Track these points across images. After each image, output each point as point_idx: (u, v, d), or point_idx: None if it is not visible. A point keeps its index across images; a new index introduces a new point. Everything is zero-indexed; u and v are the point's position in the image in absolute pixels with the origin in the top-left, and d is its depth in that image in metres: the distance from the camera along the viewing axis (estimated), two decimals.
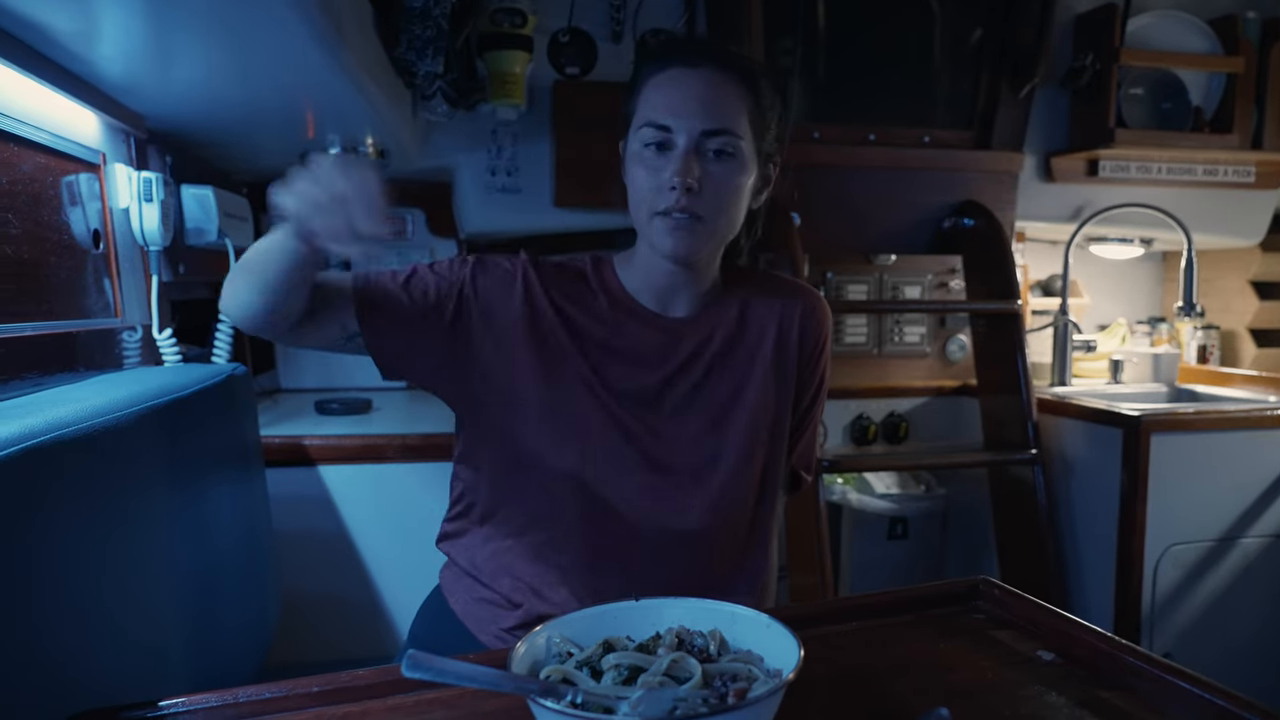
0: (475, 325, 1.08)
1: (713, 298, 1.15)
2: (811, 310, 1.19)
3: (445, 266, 1.11)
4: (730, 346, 1.14)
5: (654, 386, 1.11)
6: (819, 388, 1.22)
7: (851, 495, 2.46)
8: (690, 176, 1.00)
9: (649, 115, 1.03)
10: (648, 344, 1.11)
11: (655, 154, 1.03)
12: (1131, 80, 2.49)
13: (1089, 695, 0.73)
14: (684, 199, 1.00)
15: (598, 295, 1.13)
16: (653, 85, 1.05)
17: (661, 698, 0.61)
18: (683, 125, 1.01)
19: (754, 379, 1.14)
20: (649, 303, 1.13)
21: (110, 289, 1.34)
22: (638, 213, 1.06)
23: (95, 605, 0.82)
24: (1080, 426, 2.21)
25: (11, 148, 1.07)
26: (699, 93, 1.02)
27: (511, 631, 1.09)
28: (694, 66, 1.03)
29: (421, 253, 2.47)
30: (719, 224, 1.05)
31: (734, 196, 1.05)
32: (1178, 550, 2.09)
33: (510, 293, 1.09)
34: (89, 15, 0.99)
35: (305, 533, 1.15)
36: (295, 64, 1.23)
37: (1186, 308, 2.33)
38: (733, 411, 1.13)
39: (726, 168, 1.03)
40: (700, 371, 1.12)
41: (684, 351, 1.12)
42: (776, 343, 1.16)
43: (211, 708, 0.74)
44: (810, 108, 2.49)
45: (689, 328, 1.13)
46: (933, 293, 2.57)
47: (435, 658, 0.61)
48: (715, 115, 1.02)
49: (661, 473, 1.10)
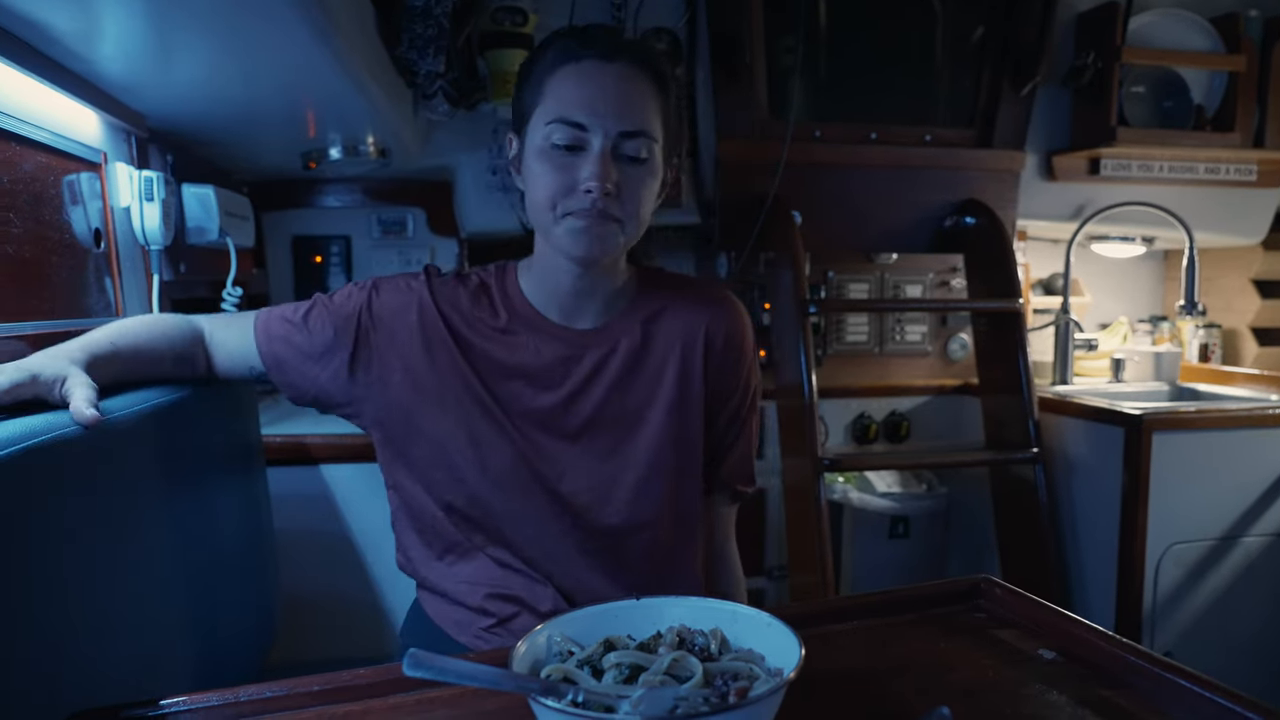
0: (375, 351, 1.05)
1: (620, 306, 1.11)
2: (725, 317, 1.13)
3: (344, 296, 1.08)
4: (635, 360, 1.09)
5: (554, 406, 1.07)
6: (743, 396, 1.16)
7: (853, 494, 2.46)
8: (609, 180, 0.95)
9: (560, 111, 0.96)
10: (548, 360, 1.07)
11: (565, 154, 0.97)
12: (1133, 79, 2.49)
13: (1090, 694, 0.73)
14: (601, 202, 0.95)
15: (498, 310, 1.08)
16: (562, 77, 0.98)
17: (663, 696, 0.61)
18: (599, 125, 0.95)
19: (660, 394, 1.10)
20: (552, 313, 1.08)
21: (111, 288, 1.34)
22: (540, 214, 1.00)
23: (96, 604, 0.82)
24: (1082, 425, 2.21)
25: (13, 147, 1.07)
26: (615, 89, 0.97)
27: (490, 630, 1.08)
28: (609, 60, 0.98)
29: (422, 251, 2.47)
30: (631, 228, 1.00)
31: (647, 201, 1.01)
32: (1179, 549, 2.08)
33: (407, 314, 1.06)
34: (90, 14, 0.99)
35: (307, 532, 1.15)
36: (296, 63, 1.24)
37: (1188, 306, 2.33)
38: (636, 430, 1.09)
39: (641, 171, 0.99)
40: (602, 389, 1.08)
41: (586, 367, 1.08)
42: (684, 355, 1.11)
43: (212, 706, 0.74)
44: (811, 106, 2.48)
45: (593, 340, 1.09)
46: (934, 292, 2.57)
47: (437, 656, 0.61)
48: (632, 116, 0.97)
49: (564, 497, 1.07)
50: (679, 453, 1.11)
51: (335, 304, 1.07)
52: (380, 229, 2.46)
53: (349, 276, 2.46)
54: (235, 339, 1.07)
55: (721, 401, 1.15)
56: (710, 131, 2.42)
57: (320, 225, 2.46)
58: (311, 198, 2.43)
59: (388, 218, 2.46)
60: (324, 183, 2.40)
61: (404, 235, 2.46)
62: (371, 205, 2.45)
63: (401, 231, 2.46)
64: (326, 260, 2.45)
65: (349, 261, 2.47)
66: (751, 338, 1.17)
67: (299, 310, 1.06)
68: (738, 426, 1.17)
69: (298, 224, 2.45)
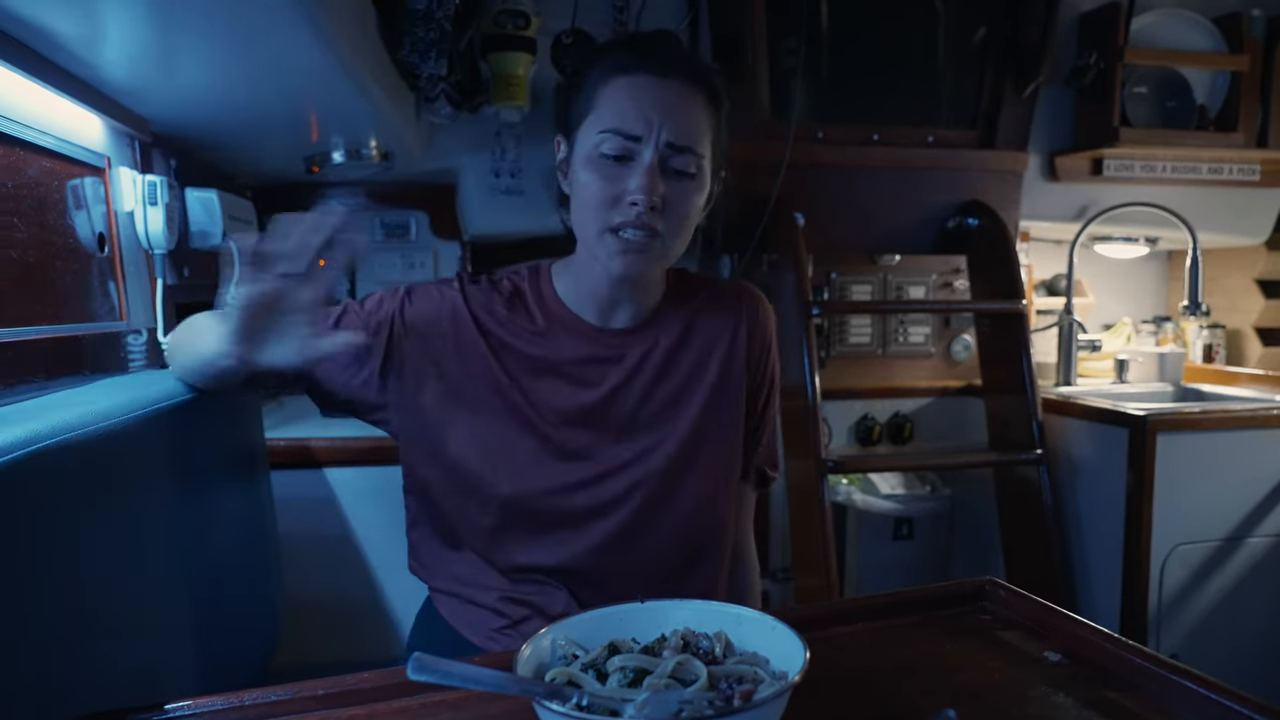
0: (408, 358, 1.05)
1: (656, 307, 1.12)
2: (756, 313, 1.16)
3: (375, 303, 1.07)
4: (675, 359, 1.11)
5: (594, 405, 1.07)
6: (771, 387, 1.20)
7: (856, 496, 2.46)
8: (656, 194, 0.95)
9: (613, 121, 0.97)
10: (587, 360, 1.07)
11: (614, 164, 0.97)
12: (1136, 79, 2.48)
13: (1096, 696, 0.73)
14: (646, 216, 0.96)
15: (534, 312, 1.09)
16: (616, 88, 0.98)
17: (667, 700, 0.61)
18: (650, 137, 0.96)
19: (700, 391, 1.11)
20: (589, 315, 1.08)
21: (115, 292, 1.35)
22: (585, 225, 1.01)
23: (101, 608, 0.82)
24: (1086, 426, 2.21)
25: (17, 152, 1.07)
26: (669, 105, 0.97)
27: (501, 631, 1.08)
28: (664, 76, 0.98)
29: (425, 254, 2.47)
30: (674, 245, 1.01)
31: (692, 217, 1.02)
32: (1184, 550, 2.08)
33: (440, 321, 1.06)
34: (94, 19, 0.99)
35: (311, 535, 1.15)
36: (299, 67, 1.24)
37: (1192, 306, 2.32)
38: (675, 427, 1.10)
39: (688, 187, 0.99)
40: (643, 386, 1.09)
41: (627, 366, 1.08)
42: (725, 353, 1.13)
43: (217, 711, 0.74)
44: (814, 107, 2.49)
45: (632, 340, 1.09)
46: (937, 293, 2.57)
47: (441, 660, 0.61)
48: (684, 131, 0.97)
49: (600, 497, 1.07)
50: (717, 450, 1.13)
51: (367, 310, 1.06)
52: (383, 232, 2.46)
53: (352, 280, 2.46)
54: None
55: (757, 392, 1.18)
56: None
57: None
58: (315, 201, 2.43)
59: (391, 221, 2.46)
60: (327, 186, 2.41)
61: (407, 238, 2.47)
62: (374, 208, 2.45)
63: (404, 234, 2.46)
64: (329, 263, 2.45)
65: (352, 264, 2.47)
66: (775, 328, 1.20)
67: (329, 317, 1.05)
68: (769, 415, 1.21)
69: None
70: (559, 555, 1.07)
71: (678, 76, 0.98)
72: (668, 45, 1.02)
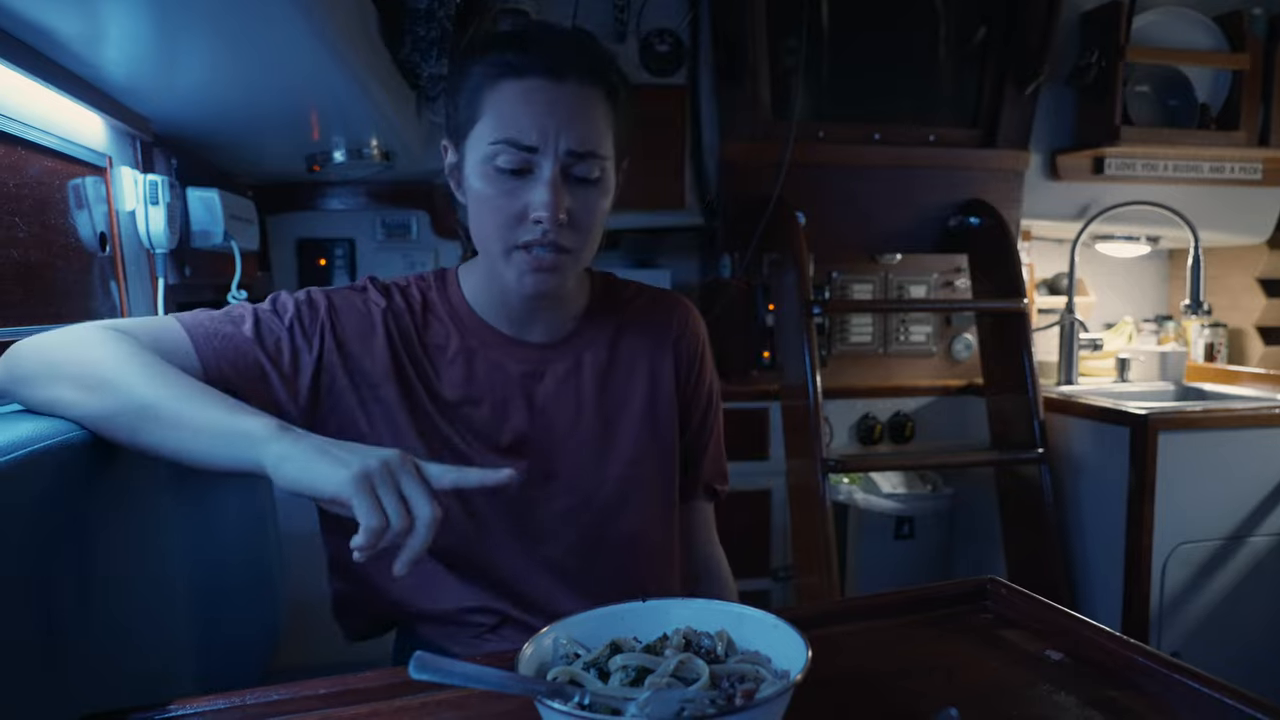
0: (338, 380, 0.95)
1: (576, 317, 1.05)
2: (687, 324, 1.11)
3: (293, 311, 0.95)
4: (603, 376, 1.05)
5: (522, 431, 1.01)
6: (709, 398, 1.14)
7: (857, 495, 2.46)
8: (561, 209, 0.89)
9: (506, 131, 0.89)
10: (510, 379, 1.00)
11: (511, 178, 0.90)
12: (1137, 77, 2.49)
13: (1098, 695, 0.73)
14: (552, 233, 0.90)
15: (447, 327, 1.01)
16: (506, 93, 0.90)
17: (669, 699, 0.61)
18: (549, 148, 0.89)
19: (631, 409, 1.05)
20: (502, 325, 1.01)
21: (117, 291, 1.35)
22: (488, 241, 0.94)
23: (103, 607, 0.82)
24: (1087, 425, 2.21)
25: (19, 151, 1.07)
26: (566, 111, 0.89)
27: (479, 637, 1.03)
28: (559, 79, 0.90)
29: (426, 254, 2.48)
30: (584, 254, 0.95)
31: (599, 224, 0.96)
32: (1186, 549, 2.08)
33: (366, 338, 0.97)
34: (95, 19, 0.99)
35: (312, 534, 1.15)
36: (300, 67, 1.24)
37: (1193, 305, 2.32)
38: (609, 447, 1.04)
39: (593, 193, 0.93)
40: (570, 408, 1.02)
41: (549, 385, 1.02)
42: (652, 367, 1.07)
43: (219, 710, 0.74)
44: (815, 107, 2.49)
45: (554, 355, 1.03)
46: (938, 292, 2.57)
47: (442, 659, 0.61)
48: (584, 137, 0.90)
49: (538, 522, 1.01)
50: (654, 466, 1.07)
51: (285, 321, 0.94)
52: (384, 232, 2.47)
53: (353, 279, 2.46)
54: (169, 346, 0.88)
55: (691, 408, 1.13)
56: (714, 132, 2.42)
57: (324, 228, 2.46)
58: (315, 200, 2.43)
59: (391, 220, 2.46)
60: (328, 185, 2.41)
61: (408, 238, 2.47)
62: (375, 208, 2.45)
63: (405, 234, 2.47)
64: (331, 263, 2.46)
65: (353, 264, 2.47)
66: (707, 338, 1.14)
67: (241, 324, 0.92)
68: (708, 428, 1.15)
69: (302, 227, 2.45)
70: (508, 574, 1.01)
71: (572, 77, 0.90)
72: (559, 42, 0.93)
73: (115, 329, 0.86)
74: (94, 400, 0.79)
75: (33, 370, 0.82)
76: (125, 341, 0.83)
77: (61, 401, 0.80)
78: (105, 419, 0.79)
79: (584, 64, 0.92)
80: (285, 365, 0.93)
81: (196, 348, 0.89)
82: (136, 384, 0.79)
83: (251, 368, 0.91)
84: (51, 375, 0.81)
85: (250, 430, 0.75)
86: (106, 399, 0.79)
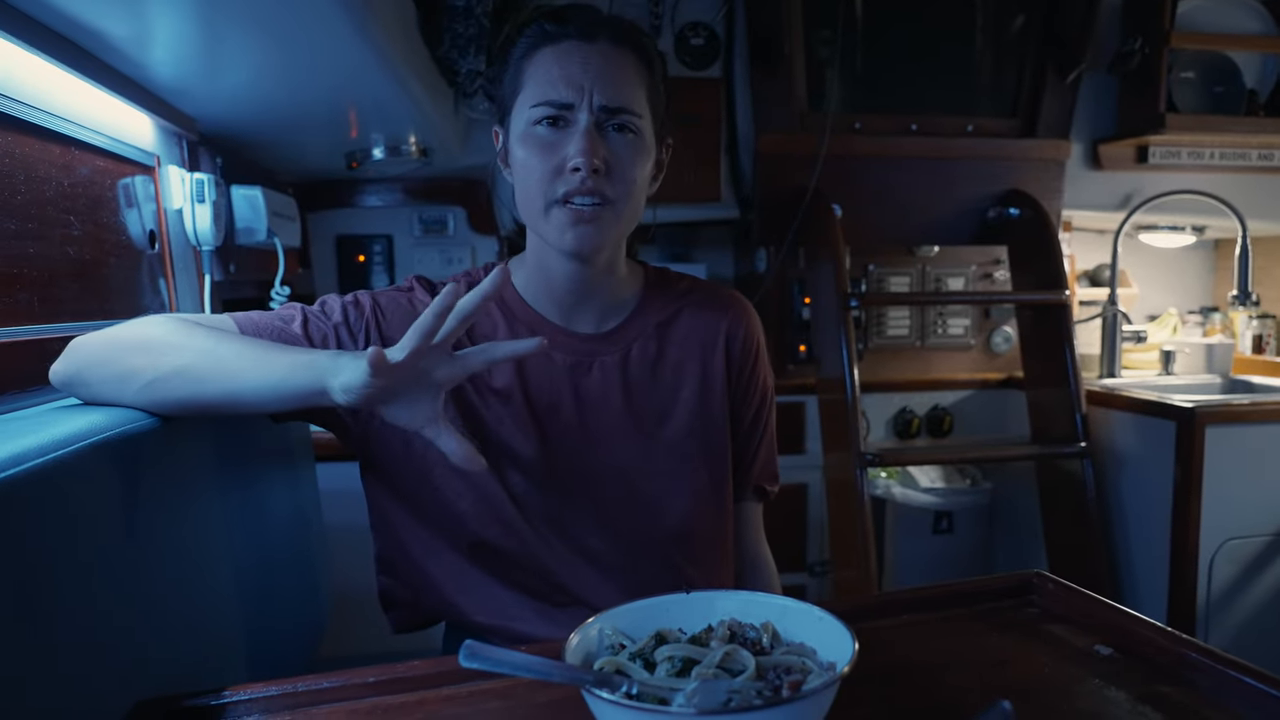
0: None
1: (626, 309, 1.05)
2: (741, 319, 1.10)
3: (340, 312, 0.97)
4: (651, 368, 1.04)
5: (567, 424, 1.01)
6: (763, 395, 1.13)
7: (895, 489, 2.44)
8: (596, 156, 0.90)
9: (542, 93, 0.92)
10: (556, 370, 1.00)
11: (550, 131, 0.92)
12: (1182, 64, 2.43)
13: (1150, 691, 0.72)
14: (590, 180, 0.90)
15: (495, 318, 1.02)
16: (542, 60, 0.93)
17: (716, 689, 0.61)
18: (584, 101, 0.91)
19: (681, 404, 1.05)
20: (552, 314, 1.02)
21: (165, 288, 1.37)
22: (529, 205, 0.95)
23: (155, 599, 0.84)
24: (1131, 419, 2.17)
25: (73, 151, 1.10)
26: (598, 67, 0.92)
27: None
28: (590, 40, 0.93)
29: (463, 250, 2.50)
30: (625, 209, 0.94)
31: (639, 177, 0.95)
32: (1234, 545, 2.04)
33: None
34: (144, 21, 1.01)
35: (356, 526, 1.17)
36: (342, 65, 1.25)
37: (1241, 296, 2.27)
38: (655, 442, 1.04)
39: (629, 144, 0.93)
40: (617, 400, 1.02)
41: (596, 377, 1.02)
42: (704, 361, 1.07)
43: (271, 696, 0.75)
44: (851, 98, 2.47)
45: (601, 346, 1.03)
46: (977, 284, 2.54)
47: (491, 648, 0.62)
48: (616, 91, 0.92)
49: (584, 519, 1.01)
50: (705, 464, 1.07)
51: (334, 322, 0.96)
52: (421, 228, 2.49)
53: (391, 275, 2.49)
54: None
55: (743, 407, 1.11)
56: (749, 125, 2.41)
57: (363, 225, 2.49)
58: (354, 197, 2.47)
59: (429, 217, 2.49)
60: (366, 182, 2.44)
61: (445, 234, 2.49)
62: (413, 204, 2.48)
63: (442, 230, 2.49)
64: (369, 259, 2.49)
65: (391, 260, 2.50)
66: (762, 336, 1.14)
67: (290, 324, 0.95)
68: (761, 426, 1.14)
69: (341, 224, 2.48)
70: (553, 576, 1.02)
71: (604, 37, 0.93)
72: (588, 9, 0.96)
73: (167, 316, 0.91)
74: (158, 361, 0.84)
75: (95, 353, 0.86)
76: (177, 317, 0.90)
77: (125, 371, 0.85)
78: (168, 376, 0.84)
79: (614, 27, 0.95)
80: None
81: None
82: (197, 337, 0.85)
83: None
84: (113, 352, 0.86)
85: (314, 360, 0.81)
86: (169, 357, 0.84)
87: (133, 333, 0.87)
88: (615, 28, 0.95)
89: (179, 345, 0.85)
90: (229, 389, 0.83)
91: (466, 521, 1.00)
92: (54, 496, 0.69)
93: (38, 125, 1.01)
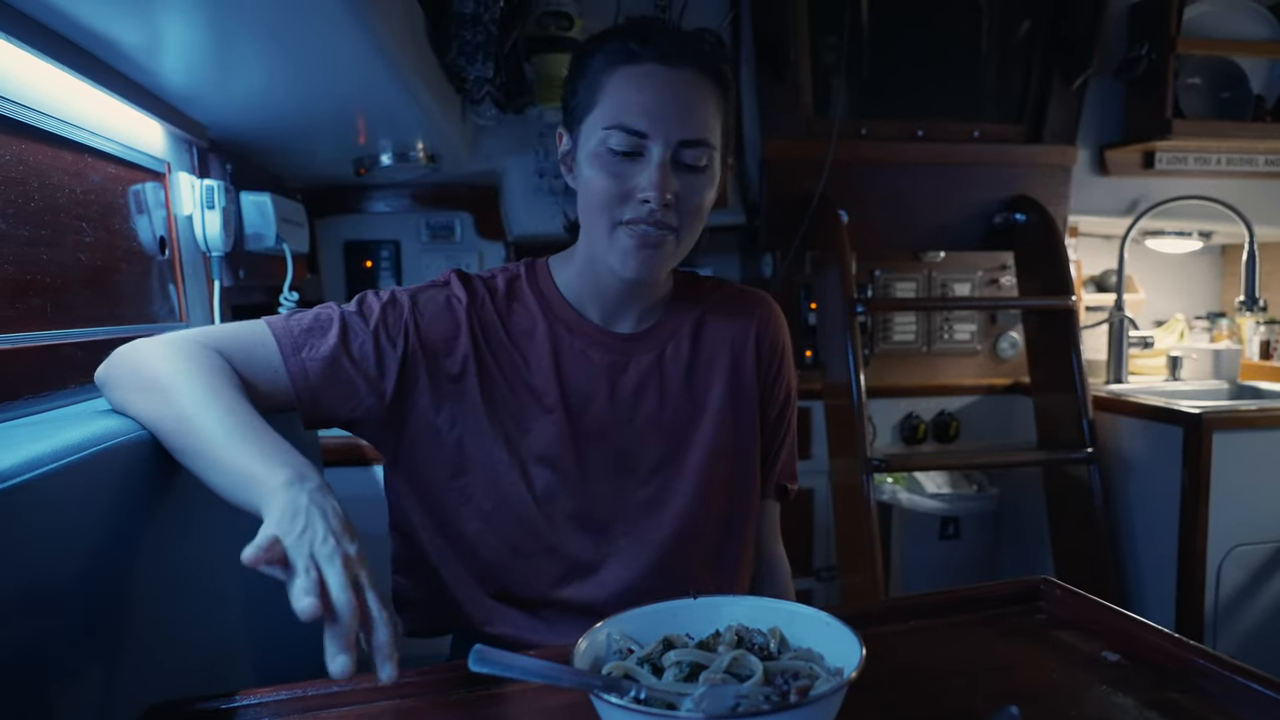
0: (420, 374, 0.97)
1: (660, 309, 1.07)
2: (770, 319, 1.11)
3: (378, 314, 0.97)
4: (685, 367, 1.06)
5: (602, 420, 1.02)
6: (787, 395, 1.14)
7: (902, 495, 2.44)
8: (668, 190, 0.91)
9: (620, 117, 0.92)
10: (594, 369, 1.02)
11: (622, 161, 0.92)
12: (1189, 69, 2.43)
13: (1158, 697, 0.72)
14: (659, 213, 0.92)
15: (534, 314, 1.02)
16: (621, 79, 0.93)
17: (724, 694, 0.61)
18: (659, 132, 0.91)
19: (711, 402, 1.06)
20: (592, 314, 1.03)
21: (175, 294, 1.38)
22: (592, 220, 0.96)
23: (164, 601, 0.85)
24: (1138, 425, 2.16)
25: (85, 158, 1.11)
26: (678, 97, 0.92)
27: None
28: (672, 66, 0.92)
29: (470, 255, 2.50)
30: (686, 242, 0.97)
31: (704, 212, 0.97)
32: (1242, 551, 2.03)
33: (455, 339, 0.98)
34: (154, 28, 1.02)
35: (363, 532, 1.18)
36: (352, 73, 1.26)
37: (1248, 302, 2.27)
38: (688, 440, 1.05)
39: (700, 182, 0.95)
40: (653, 398, 1.03)
41: (632, 376, 1.03)
42: (734, 359, 1.08)
43: (281, 700, 0.76)
44: (857, 104, 2.47)
45: (638, 345, 1.04)
46: (983, 289, 2.53)
47: (501, 652, 0.62)
48: (694, 124, 0.92)
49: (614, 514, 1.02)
50: (734, 462, 1.08)
51: (371, 326, 0.96)
52: (429, 233, 2.50)
53: (399, 280, 2.50)
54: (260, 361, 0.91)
55: (770, 403, 1.13)
56: (755, 131, 2.42)
57: (370, 230, 2.50)
58: (362, 203, 2.48)
59: (436, 222, 2.50)
60: (374, 188, 2.45)
61: (452, 239, 2.50)
62: (420, 210, 2.49)
63: (450, 236, 2.50)
64: (377, 265, 2.50)
65: (398, 266, 2.51)
66: (788, 335, 1.15)
67: (327, 333, 0.94)
68: (784, 425, 1.16)
69: (349, 229, 2.50)
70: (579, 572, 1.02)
71: (686, 64, 0.93)
72: (671, 30, 0.96)
73: (206, 343, 0.88)
74: (160, 409, 0.82)
75: (118, 374, 0.87)
76: (202, 357, 0.85)
77: (129, 405, 0.85)
78: (157, 426, 0.82)
79: (696, 54, 0.94)
80: (370, 369, 0.95)
81: (286, 363, 0.92)
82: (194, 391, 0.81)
83: (338, 377, 0.94)
84: (130, 379, 0.85)
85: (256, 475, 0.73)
86: (164, 409, 0.81)
87: (152, 364, 0.84)
88: (698, 54, 0.94)
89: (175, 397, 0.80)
90: (197, 469, 0.80)
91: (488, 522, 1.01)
92: (65, 501, 0.70)
93: (51, 133, 1.02)
